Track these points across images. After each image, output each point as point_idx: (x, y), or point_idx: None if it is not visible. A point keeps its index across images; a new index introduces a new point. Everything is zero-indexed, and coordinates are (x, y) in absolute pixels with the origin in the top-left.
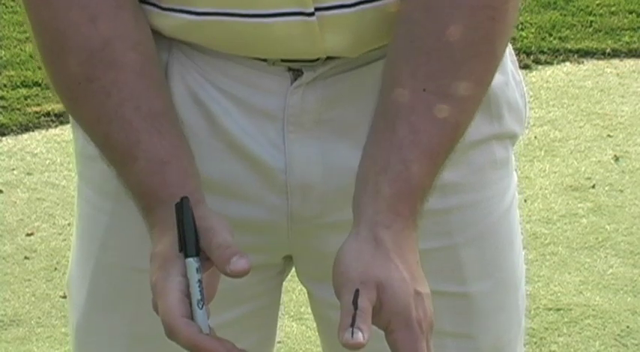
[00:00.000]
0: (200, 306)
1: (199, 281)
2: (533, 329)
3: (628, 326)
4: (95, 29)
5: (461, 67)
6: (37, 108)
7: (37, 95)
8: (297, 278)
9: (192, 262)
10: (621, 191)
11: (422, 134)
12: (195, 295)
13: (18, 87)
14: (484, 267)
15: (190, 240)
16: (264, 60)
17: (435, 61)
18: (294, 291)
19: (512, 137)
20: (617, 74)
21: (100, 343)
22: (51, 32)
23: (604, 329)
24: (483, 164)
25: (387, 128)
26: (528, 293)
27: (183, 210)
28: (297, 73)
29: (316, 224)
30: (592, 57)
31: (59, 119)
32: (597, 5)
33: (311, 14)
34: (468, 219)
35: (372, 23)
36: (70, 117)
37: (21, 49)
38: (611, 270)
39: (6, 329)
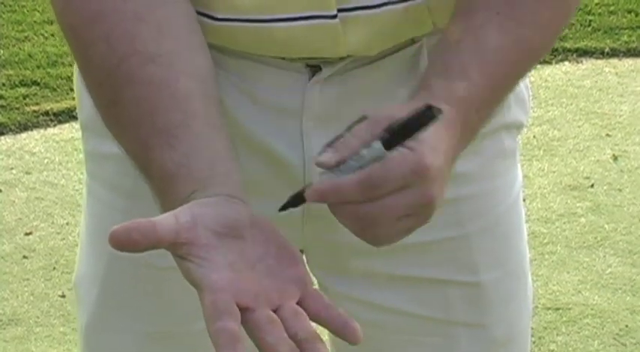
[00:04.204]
0: None
1: None
2: (532, 329)
3: (627, 325)
4: (109, 47)
5: (539, 2)
6: (36, 108)
7: (35, 94)
8: None
9: None
10: (620, 190)
11: (487, 46)
12: None
13: (16, 86)
14: (495, 256)
15: None
16: (282, 57)
17: None
18: None
19: (519, 127)
20: (616, 73)
21: (112, 342)
22: (78, 51)
23: (603, 329)
24: (493, 154)
25: (453, 40)
26: None
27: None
28: (314, 69)
29: (331, 217)
30: (591, 56)
31: (58, 118)
32: (596, 4)
33: (333, 17)
34: (480, 208)
35: (395, 22)
36: (79, 118)
37: (20, 48)
38: (609, 269)
39: (4, 329)
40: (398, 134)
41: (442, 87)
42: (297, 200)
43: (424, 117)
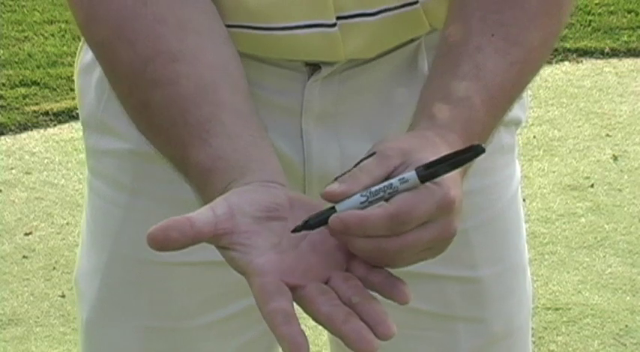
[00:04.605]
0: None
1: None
2: (532, 329)
3: (627, 326)
4: (134, 52)
5: (532, 20)
6: (36, 108)
7: (35, 94)
8: None
9: None
10: (620, 190)
11: (486, 72)
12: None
13: (16, 86)
14: (494, 251)
15: None
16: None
17: (507, 10)
18: None
19: (517, 123)
20: (616, 73)
21: (113, 336)
22: (105, 61)
23: (603, 329)
24: (492, 150)
25: (451, 64)
26: None
27: None
28: (313, 68)
29: None
30: (591, 56)
31: (57, 118)
32: (596, 4)
33: (332, 25)
34: (479, 203)
35: (392, 27)
36: (80, 115)
37: (19, 48)
38: (609, 270)
39: (4, 329)
40: (437, 170)
41: (447, 114)
42: (314, 224)
43: (469, 154)
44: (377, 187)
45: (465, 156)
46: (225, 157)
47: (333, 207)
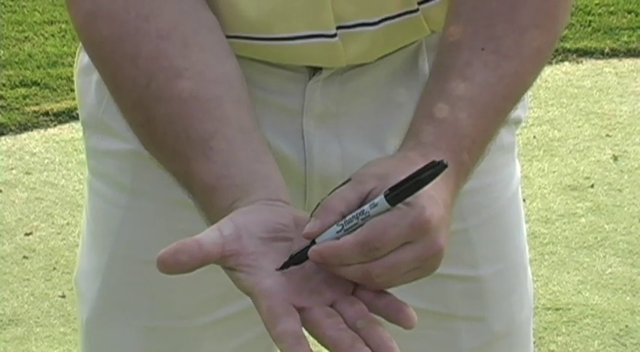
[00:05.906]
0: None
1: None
2: (532, 329)
3: (627, 326)
4: (137, 68)
5: (524, 33)
6: (36, 108)
7: (35, 94)
8: None
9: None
10: (620, 190)
11: (474, 86)
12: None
13: (17, 86)
14: (495, 250)
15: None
16: None
17: (498, 24)
18: None
19: (517, 122)
20: (616, 74)
21: (113, 337)
22: (108, 76)
23: (603, 329)
24: (492, 149)
25: (439, 80)
26: None
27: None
28: (314, 69)
29: None
30: (591, 56)
31: (58, 118)
32: (596, 5)
33: (333, 35)
34: (479, 202)
35: (393, 34)
36: (80, 116)
37: (20, 49)
38: (609, 270)
39: (5, 329)
40: (403, 191)
41: (430, 133)
42: (299, 259)
43: (431, 171)
44: (350, 215)
45: (428, 174)
46: (230, 175)
47: (314, 241)
